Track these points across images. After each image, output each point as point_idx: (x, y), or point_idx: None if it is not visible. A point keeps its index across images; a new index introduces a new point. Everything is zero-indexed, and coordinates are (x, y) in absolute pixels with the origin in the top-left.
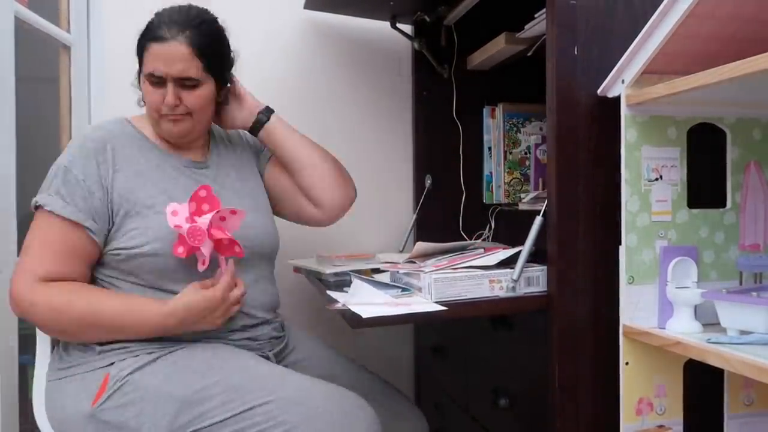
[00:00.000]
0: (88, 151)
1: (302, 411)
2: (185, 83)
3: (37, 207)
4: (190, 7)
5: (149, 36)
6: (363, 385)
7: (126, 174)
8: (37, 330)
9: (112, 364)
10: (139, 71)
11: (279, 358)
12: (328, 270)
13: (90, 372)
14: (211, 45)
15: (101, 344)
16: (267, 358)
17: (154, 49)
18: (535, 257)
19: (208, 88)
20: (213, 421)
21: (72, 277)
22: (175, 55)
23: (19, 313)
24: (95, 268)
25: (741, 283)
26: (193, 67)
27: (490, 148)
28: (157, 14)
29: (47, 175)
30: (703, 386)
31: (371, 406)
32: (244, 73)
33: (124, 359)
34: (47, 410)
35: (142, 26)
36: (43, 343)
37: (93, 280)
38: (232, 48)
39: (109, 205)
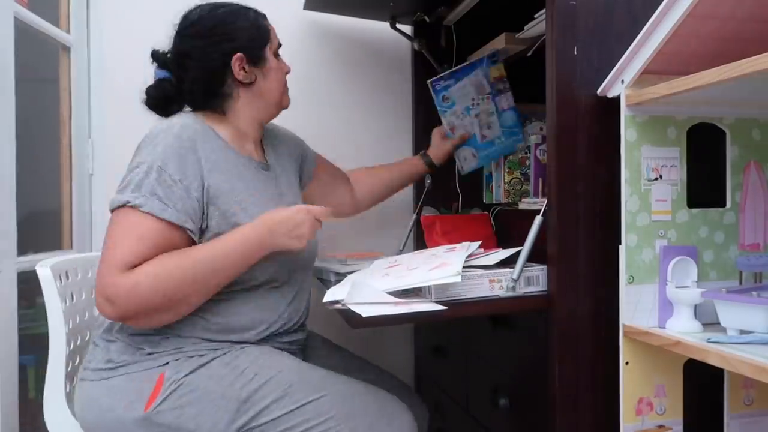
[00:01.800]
0: (182, 149)
1: (351, 406)
2: None
3: (123, 206)
4: None
5: (261, 16)
6: (380, 382)
7: (216, 174)
8: (51, 329)
9: (166, 364)
10: (252, 55)
11: (304, 357)
12: (341, 269)
13: (140, 372)
14: None
15: (150, 342)
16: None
17: (271, 24)
18: (535, 257)
19: None
20: (268, 419)
21: None
22: None
23: (120, 310)
24: None
25: (741, 283)
26: None
27: None
28: (234, 3)
29: (131, 173)
30: (703, 386)
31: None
32: None
33: (178, 359)
34: (83, 410)
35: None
36: (57, 341)
37: None
38: None
39: (205, 205)
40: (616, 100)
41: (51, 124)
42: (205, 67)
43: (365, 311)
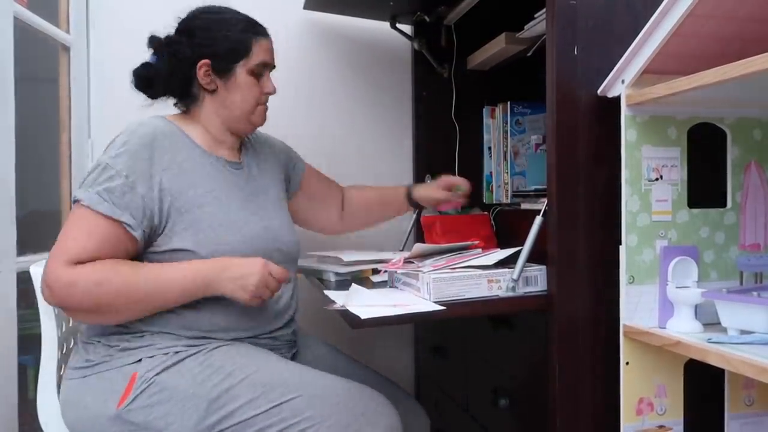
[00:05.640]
0: (135, 147)
1: (328, 405)
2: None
3: (76, 201)
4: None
5: (255, 31)
6: (368, 382)
7: (174, 172)
8: (43, 331)
9: (139, 361)
10: (219, 65)
11: (295, 355)
12: (342, 270)
13: (114, 370)
14: None
15: (126, 341)
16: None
17: (264, 43)
18: (535, 257)
19: None
20: (241, 419)
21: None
22: (272, 47)
23: (56, 299)
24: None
25: (741, 283)
26: None
27: (490, 148)
28: (233, 12)
29: (89, 169)
30: (703, 386)
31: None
32: None
33: (152, 356)
34: (65, 409)
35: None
36: (49, 343)
37: None
38: None
39: (159, 201)
40: (617, 100)
41: (51, 124)
42: (175, 62)
43: (364, 312)
